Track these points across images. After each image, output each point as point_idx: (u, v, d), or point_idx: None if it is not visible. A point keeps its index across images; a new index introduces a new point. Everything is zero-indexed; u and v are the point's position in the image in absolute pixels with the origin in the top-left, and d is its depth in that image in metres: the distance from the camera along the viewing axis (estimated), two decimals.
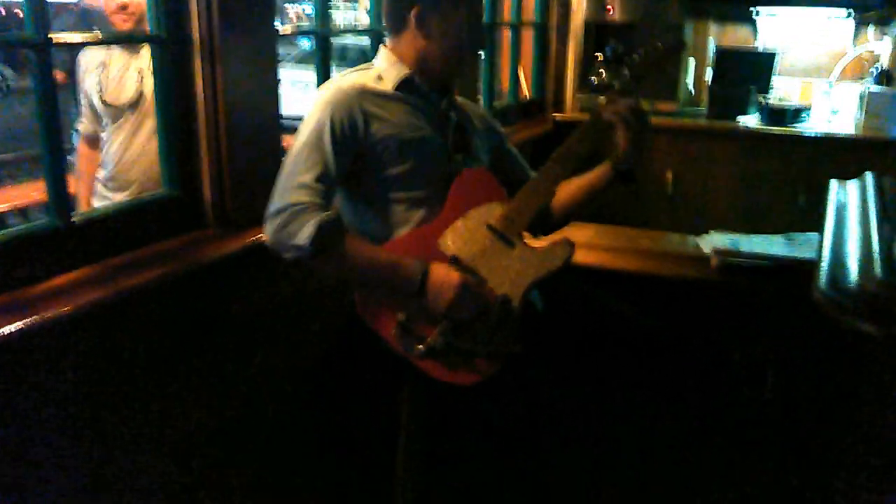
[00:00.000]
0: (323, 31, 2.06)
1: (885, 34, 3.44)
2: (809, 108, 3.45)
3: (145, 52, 2.09)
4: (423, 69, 1.61)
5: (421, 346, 1.47)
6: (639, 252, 2.20)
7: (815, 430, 1.96)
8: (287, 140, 1.67)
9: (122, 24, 2.13)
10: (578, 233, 2.17)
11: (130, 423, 1.52)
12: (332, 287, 1.79)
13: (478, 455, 1.64)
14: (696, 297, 2.05)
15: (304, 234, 1.41)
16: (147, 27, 1.66)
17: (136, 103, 2.19)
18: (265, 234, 1.47)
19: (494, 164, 1.75)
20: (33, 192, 3.82)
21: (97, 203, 2.24)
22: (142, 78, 2.16)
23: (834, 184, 1.62)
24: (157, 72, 1.66)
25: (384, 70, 1.62)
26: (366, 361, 1.59)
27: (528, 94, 3.57)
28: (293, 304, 1.84)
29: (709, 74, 3.70)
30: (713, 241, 2.14)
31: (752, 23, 3.71)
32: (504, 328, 1.50)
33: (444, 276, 1.47)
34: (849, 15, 3.48)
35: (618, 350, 1.67)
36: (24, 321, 1.27)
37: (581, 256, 1.85)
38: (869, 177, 1.62)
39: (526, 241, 1.58)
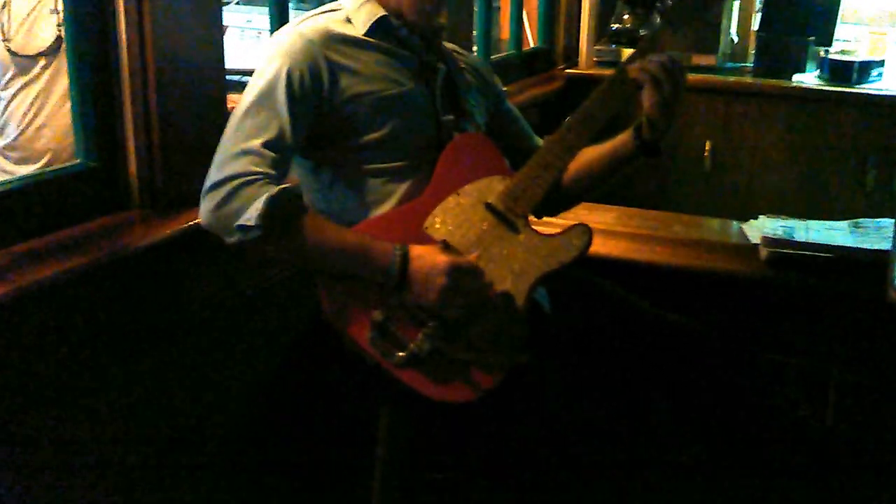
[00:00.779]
0: None
1: None
2: (882, 64, 3.43)
3: None
4: (401, 8, 1.62)
5: (402, 353, 1.49)
6: (670, 241, 2.19)
7: (890, 467, 1.96)
8: (234, 100, 1.67)
9: None
10: (596, 216, 2.18)
11: (33, 448, 1.51)
12: (291, 280, 1.82)
13: (472, 489, 1.68)
14: (741, 296, 2.06)
15: (251, 211, 1.41)
16: None
17: (51, 51, 2.14)
18: (201, 214, 1.48)
19: (493, 128, 1.77)
20: None
21: None
22: (61, 20, 2.11)
23: None
24: (68, 10, 1.62)
25: (353, 10, 1.63)
26: (334, 372, 1.62)
27: (533, 44, 3.59)
28: (243, 302, 1.86)
29: (756, 21, 3.70)
30: (762, 228, 2.14)
31: None
32: (506, 332, 1.52)
33: (429, 260, 1.48)
34: None
35: (643, 362, 1.69)
36: None
37: (599, 245, 1.86)
38: None
39: (533, 225, 1.59)
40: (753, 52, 3.61)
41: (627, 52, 2.26)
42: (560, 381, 1.68)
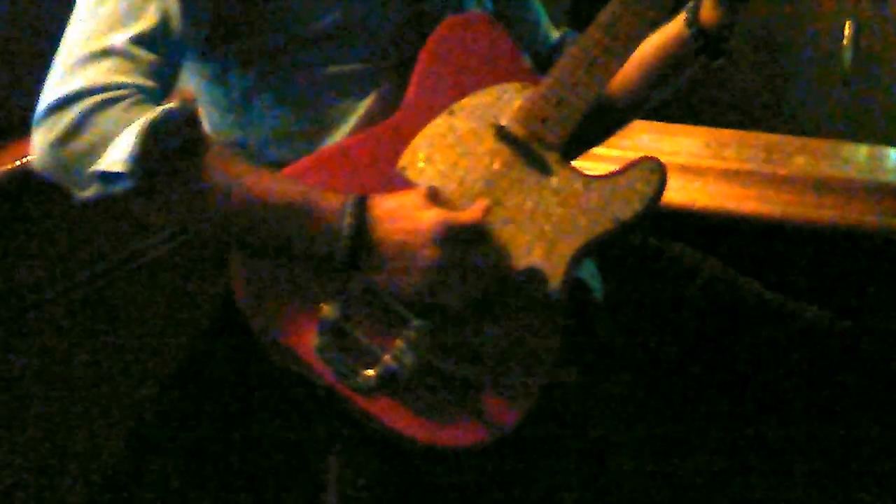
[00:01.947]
0: None
1: None
2: None
3: None
4: None
5: (371, 372, 1.45)
6: (790, 181, 2.19)
7: None
8: None
9: None
10: (670, 144, 2.23)
11: None
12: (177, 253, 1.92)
13: None
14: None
15: (117, 149, 1.37)
16: None
17: None
18: (33, 152, 1.42)
19: (499, 12, 1.81)
20: None
21: None
22: None
23: None
24: None
25: None
26: (256, 398, 1.65)
27: None
28: (107, 288, 1.93)
29: None
30: None
31: None
32: (535, 334, 1.51)
33: (406, 219, 1.47)
34: None
35: (759, 381, 1.72)
36: None
37: (677, 191, 1.92)
38: None
39: (572, 162, 1.58)
40: None
41: None
42: (619, 409, 1.66)
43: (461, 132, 1.56)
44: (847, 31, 3.21)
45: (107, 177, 1.38)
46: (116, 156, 1.36)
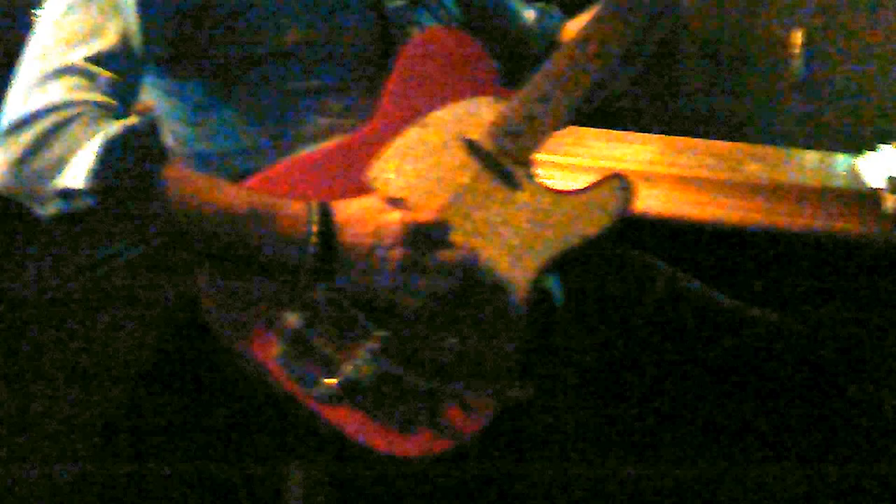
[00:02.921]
0: None
1: None
2: None
3: None
4: None
5: (331, 380, 1.45)
6: (743, 187, 2.17)
7: None
8: None
9: None
10: (625, 151, 2.22)
11: None
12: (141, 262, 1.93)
13: None
14: (857, 270, 2.09)
15: (77, 165, 1.37)
16: None
17: None
18: None
19: (472, 21, 1.82)
20: None
21: None
22: None
23: None
24: None
25: None
26: (220, 409, 1.62)
27: None
28: (68, 300, 1.97)
29: None
30: (887, 165, 2.14)
31: None
32: (495, 345, 1.51)
33: (370, 221, 1.48)
34: None
35: (713, 383, 1.71)
36: None
37: (641, 201, 1.87)
38: None
39: (538, 177, 1.59)
40: None
41: None
42: (580, 416, 1.70)
43: (432, 145, 1.57)
44: (797, 39, 3.20)
45: (67, 194, 1.39)
46: (76, 172, 1.37)
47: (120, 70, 1.47)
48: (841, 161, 2.29)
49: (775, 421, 1.76)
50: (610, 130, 2.06)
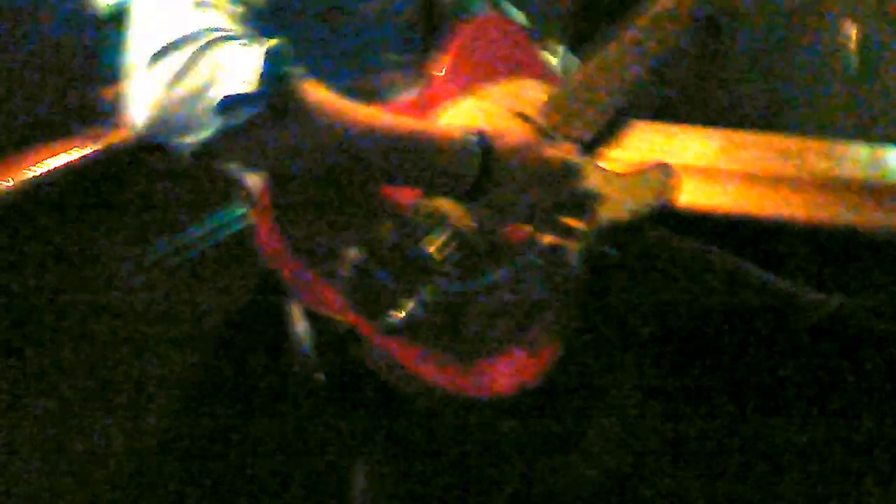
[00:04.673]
0: None
1: None
2: None
3: None
4: None
5: (397, 313, 1.47)
6: (806, 182, 2.19)
7: None
8: None
9: None
10: (686, 146, 2.24)
11: None
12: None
13: None
14: None
15: (238, 72, 1.35)
16: None
17: None
18: (139, 103, 1.38)
19: None
20: None
21: None
22: None
23: None
24: None
25: None
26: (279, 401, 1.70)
27: None
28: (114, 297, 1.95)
29: None
30: None
31: None
32: (554, 291, 1.56)
33: (528, 151, 1.51)
34: None
35: (770, 366, 1.72)
36: None
37: (694, 193, 1.95)
38: None
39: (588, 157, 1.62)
40: None
41: None
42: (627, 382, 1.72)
43: (488, 112, 1.58)
44: (854, 32, 3.18)
45: (232, 104, 1.35)
46: (237, 79, 1.34)
47: (247, 7, 1.46)
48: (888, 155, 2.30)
49: (836, 400, 1.76)
50: (667, 125, 2.05)
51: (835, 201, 2.13)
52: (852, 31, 3.20)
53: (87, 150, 1.95)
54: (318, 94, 1.44)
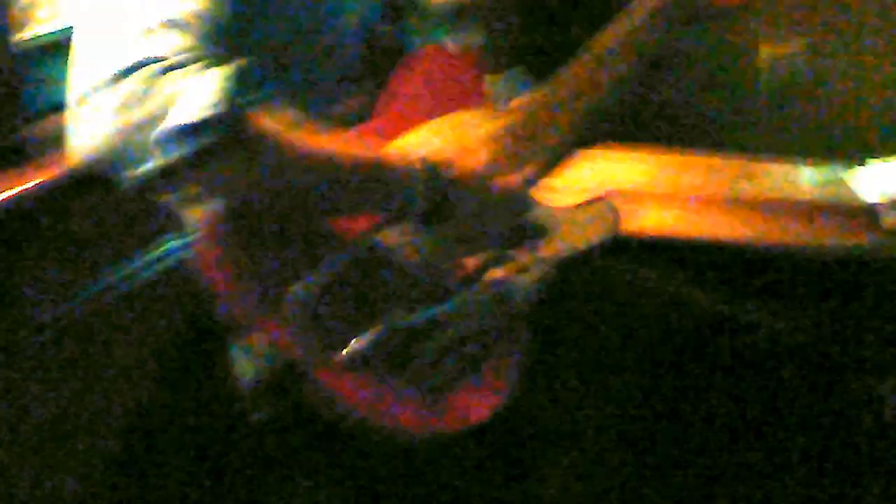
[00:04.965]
0: None
1: None
2: None
3: None
4: None
5: (344, 350, 1.45)
6: (737, 203, 2.17)
7: None
8: None
9: None
10: (614, 168, 2.22)
11: None
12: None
13: None
14: (852, 286, 2.10)
15: (197, 99, 1.31)
16: None
17: None
18: (85, 130, 1.34)
19: None
20: None
21: None
22: None
23: None
24: None
25: None
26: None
27: None
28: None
29: None
30: (879, 181, 2.15)
31: None
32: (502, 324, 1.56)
33: (468, 164, 1.52)
34: None
35: (712, 379, 1.74)
36: None
37: (640, 219, 1.98)
38: None
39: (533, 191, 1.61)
40: None
41: None
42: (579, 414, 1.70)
43: (433, 146, 1.55)
44: (762, 49, 3.17)
45: (189, 131, 1.30)
46: (199, 103, 1.30)
47: (218, 33, 1.42)
48: (834, 175, 2.27)
49: (775, 421, 1.78)
50: (607, 149, 2.05)
51: (780, 221, 2.13)
52: (762, 47, 3.22)
53: (12, 189, 1.90)
54: (272, 122, 1.41)
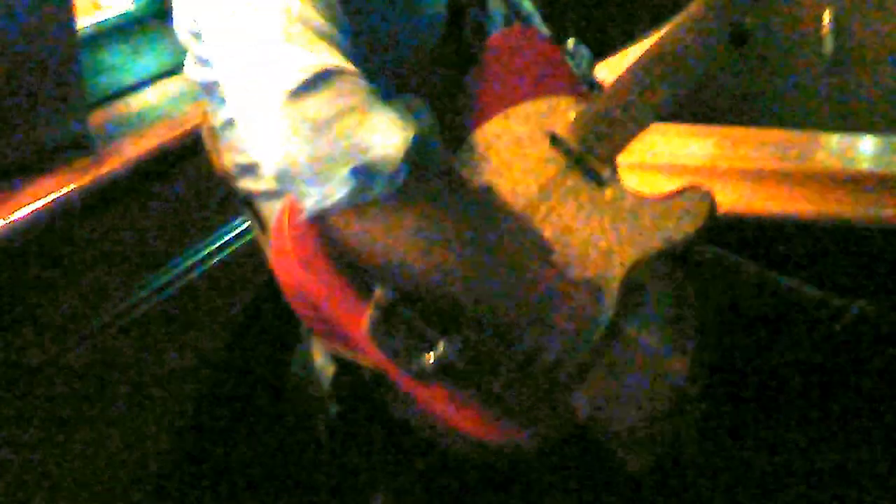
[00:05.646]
0: None
1: None
2: None
3: None
4: None
5: (428, 356, 1.44)
6: (817, 177, 2.14)
7: None
8: None
9: None
10: (681, 145, 2.21)
11: None
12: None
13: None
14: None
15: (388, 141, 1.33)
16: None
17: None
18: (280, 140, 1.34)
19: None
20: None
21: None
22: None
23: None
24: None
25: None
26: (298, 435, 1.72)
27: None
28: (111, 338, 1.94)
29: None
30: None
31: None
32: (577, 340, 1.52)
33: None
34: None
35: (808, 367, 1.71)
36: None
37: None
38: None
39: (621, 178, 1.58)
40: None
41: None
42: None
43: (515, 136, 1.56)
44: (826, 16, 3.24)
45: (374, 170, 1.32)
46: (385, 150, 1.32)
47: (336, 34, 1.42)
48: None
49: (869, 409, 1.76)
50: (663, 124, 2.01)
51: (839, 194, 2.11)
52: (826, 14, 3.25)
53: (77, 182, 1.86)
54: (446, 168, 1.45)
